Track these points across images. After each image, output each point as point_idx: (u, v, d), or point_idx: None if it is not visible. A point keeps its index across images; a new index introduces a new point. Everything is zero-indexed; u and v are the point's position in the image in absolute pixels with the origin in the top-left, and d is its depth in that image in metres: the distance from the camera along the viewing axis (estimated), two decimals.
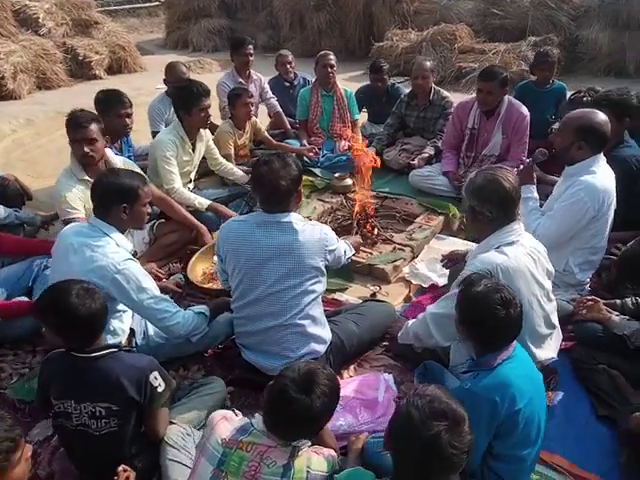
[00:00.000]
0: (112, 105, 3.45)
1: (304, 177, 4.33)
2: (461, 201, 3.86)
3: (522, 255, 2.03)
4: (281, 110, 5.01)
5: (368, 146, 4.56)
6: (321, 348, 2.30)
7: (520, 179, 2.78)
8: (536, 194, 2.78)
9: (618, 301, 2.51)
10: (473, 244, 3.38)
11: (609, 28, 7.76)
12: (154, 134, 4.32)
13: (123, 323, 2.37)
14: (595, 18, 7.87)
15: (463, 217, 3.62)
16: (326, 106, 4.74)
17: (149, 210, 2.41)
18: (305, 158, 4.58)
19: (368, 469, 1.76)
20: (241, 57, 4.73)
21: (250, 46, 4.74)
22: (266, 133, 4.51)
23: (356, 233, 3.40)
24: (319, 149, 4.60)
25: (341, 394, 2.13)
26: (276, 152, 2.24)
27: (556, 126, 4.13)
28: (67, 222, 2.82)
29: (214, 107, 4.94)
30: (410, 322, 2.28)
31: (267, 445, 1.51)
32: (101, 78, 8.26)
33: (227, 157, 4.04)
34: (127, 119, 3.50)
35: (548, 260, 2.16)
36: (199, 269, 3.15)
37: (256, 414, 1.63)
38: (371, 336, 2.51)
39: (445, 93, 4.58)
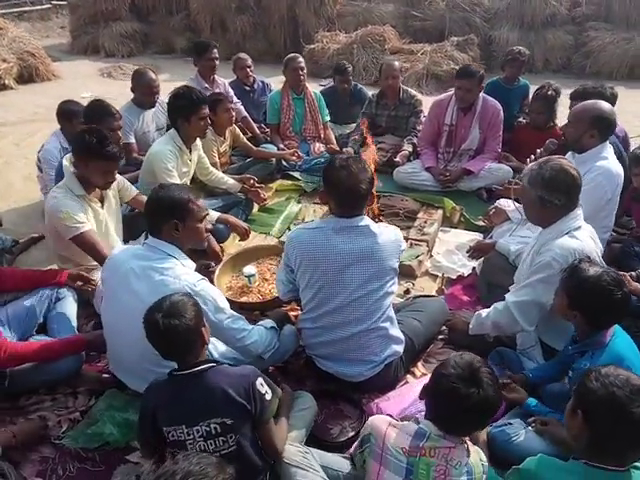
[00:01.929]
0: (102, 118, 3.18)
1: (287, 182, 4.37)
2: (447, 194, 4.05)
3: (588, 238, 2.20)
4: (248, 115, 4.88)
5: (343, 147, 4.64)
6: (400, 348, 2.31)
7: None
8: None
9: (633, 273, 2.79)
10: (476, 234, 3.59)
11: (517, 28, 8.53)
12: (124, 146, 4.03)
13: None
14: (504, 19, 8.59)
15: (462, 209, 3.79)
16: (298, 109, 4.71)
17: (209, 226, 2.26)
18: (284, 162, 4.53)
19: (497, 459, 1.83)
20: (206, 62, 4.55)
21: (215, 50, 4.58)
22: (245, 139, 4.38)
23: None
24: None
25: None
26: (350, 155, 2.20)
27: (521, 119, 4.49)
28: (78, 239, 2.61)
29: None
30: (483, 313, 2.35)
31: (448, 446, 1.50)
32: (12, 88, 7.47)
33: (213, 166, 3.87)
34: (119, 132, 3.24)
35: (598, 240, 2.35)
36: (223, 285, 3.00)
37: (419, 418, 1.60)
38: (433, 331, 2.57)
39: (413, 92, 4.76)
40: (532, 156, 3.11)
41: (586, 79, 7.73)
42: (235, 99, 4.87)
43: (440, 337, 2.64)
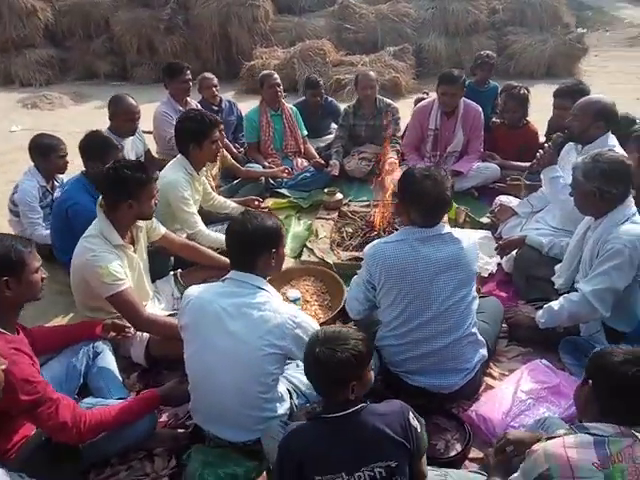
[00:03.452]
0: (106, 152, 2.92)
1: (281, 200, 4.24)
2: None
3: None
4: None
5: (328, 159, 4.61)
6: (485, 352, 2.31)
7: (546, 161, 3.14)
8: (560, 172, 3.14)
9: None
10: (484, 231, 3.69)
11: (443, 36, 8.98)
12: None
13: (283, 385, 2.05)
14: (431, 28, 9.01)
15: (467, 209, 3.88)
16: (277, 126, 4.61)
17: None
18: (271, 180, 4.41)
19: None
20: (180, 84, 4.33)
21: (189, 72, 4.37)
22: (232, 160, 4.21)
23: None
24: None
25: (523, 389, 2.21)
26: (432, 165, 2.17)
27: (494, 119, 4.71)
28: (115, 298, 2.35)
29: (151, 140, 4.46)
30: (555, 306, 2.39)
31: (628, 445, 1.45)
32: None
33: None
34: None
35: None
36: None
37: (584, 424, 1.54)
38: (499, 330, 2.58)
39: (388, 100, 4.83)
40: (540, 151, 3.22)
41: (511, 79, 8.28)
42: None
43: (501, 336, 2.66)
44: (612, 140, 3.04)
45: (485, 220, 3.80)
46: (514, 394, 2.20)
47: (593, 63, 9.35)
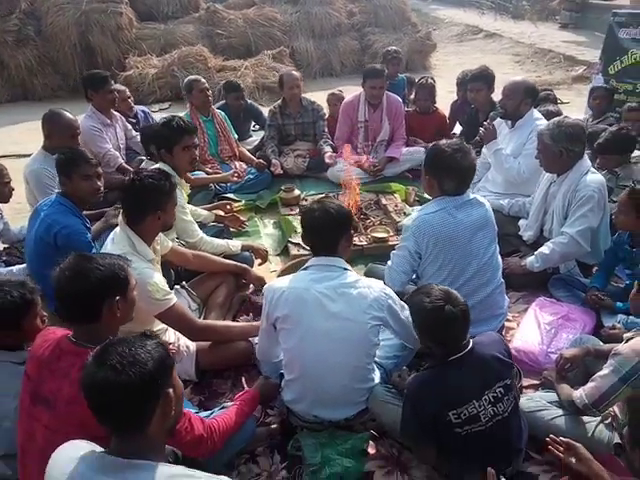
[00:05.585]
0: (77, 165, 2.70)
1: (236, 203, 4.23)
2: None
3: None
4: None
5: (270, 160, 4.69)
6: (507, 297, 2.67)
7: (488, 136, 3.64)
8: (501, 145, 3.66)
9: None
10: None
11: (311, 38, 9.44)
12: None
13: None
14: (299, 31, 9.41)
15: (416, 189, 4.27)
16: (209, 131, 4.55)
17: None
18: (217, 186, 4.36)
19: None
20: (106, 95, 4.05)
21: (112, 82, 4.09)
22: None
23: (365, 228, 3.68)
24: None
25: (544, 321, 2.65)
26: (455, 140, 2.43)
27: (406, 108, 5.20)
28: (167, 313, 2.26)
29: None
30: (545, 250, 2.84)
31: None
32: None
33: None
34: (97, 180, 2.78)
35: None
36: None
37: None
38: None
39: (311, 98, 5.04)
40: (481, 129, 3.70)
41: None
42: (134, 132, 4.47)
43: None
44: (536, 114, 3.64)
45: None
46: (539, 327, 2.60)
47: (438, 58, 10.64)
